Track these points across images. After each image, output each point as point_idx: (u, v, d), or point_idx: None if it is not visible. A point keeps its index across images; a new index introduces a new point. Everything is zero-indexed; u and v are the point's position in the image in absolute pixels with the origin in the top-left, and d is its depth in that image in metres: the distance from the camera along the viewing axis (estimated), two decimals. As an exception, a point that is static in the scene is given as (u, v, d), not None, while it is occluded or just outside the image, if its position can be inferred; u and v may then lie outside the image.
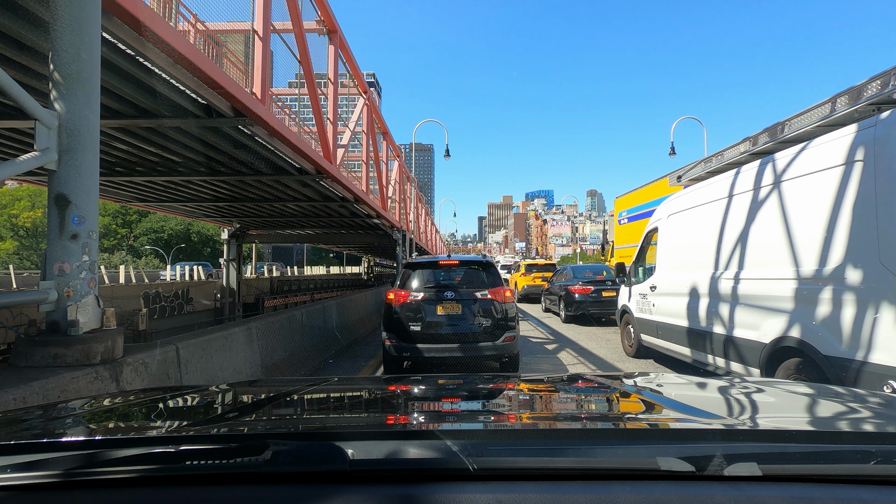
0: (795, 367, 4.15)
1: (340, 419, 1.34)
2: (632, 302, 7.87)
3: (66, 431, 1.12)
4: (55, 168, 3.07)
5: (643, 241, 7.76)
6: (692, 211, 6.16)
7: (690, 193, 6.37)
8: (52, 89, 3.08)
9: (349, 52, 11.30)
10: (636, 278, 7.84)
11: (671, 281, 6.53)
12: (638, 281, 7.72)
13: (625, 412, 1.43)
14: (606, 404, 1.53)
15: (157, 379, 3.49)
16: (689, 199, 6.33)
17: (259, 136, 7.58)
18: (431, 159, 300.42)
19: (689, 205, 6.27)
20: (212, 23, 7.63)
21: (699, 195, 6.06)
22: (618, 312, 8.78)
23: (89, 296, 3.16)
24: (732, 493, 0.80)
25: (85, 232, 3.14)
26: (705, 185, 6.03)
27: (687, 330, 5.96)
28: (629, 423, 1.16)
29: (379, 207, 15.67)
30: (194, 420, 1.35)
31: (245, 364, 5.16)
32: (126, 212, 55.01)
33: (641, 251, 7.82)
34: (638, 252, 7.90)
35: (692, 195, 6.28)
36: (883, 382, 3.26)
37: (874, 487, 0.83)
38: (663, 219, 7.04)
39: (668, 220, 6.84)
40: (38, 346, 2.93)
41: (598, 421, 1.26)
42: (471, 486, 0.81)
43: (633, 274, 7.99)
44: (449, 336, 6.08)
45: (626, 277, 8.20)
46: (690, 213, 6.20)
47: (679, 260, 6.42)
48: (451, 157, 23.13)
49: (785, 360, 4.27)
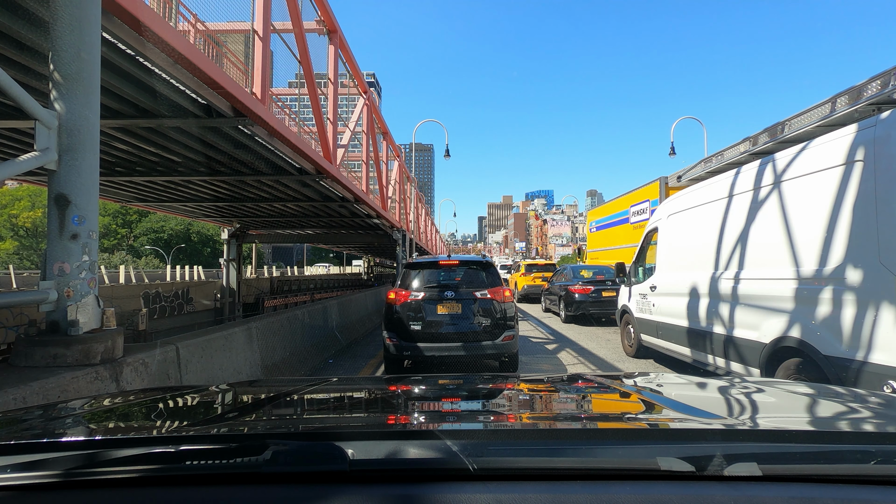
0: (795, 367, 4.15)
1: (340, 419, 1.34)
2: (632, 302, 7.86)
3: (66, 431, 1.12)
4: (55, 168, 3.07)
5: (643, 241, 7.73)
6: (692, 211, 6.17)
7: (690, 193, 6.39)
8: (52, 89, 3.08)
9: (349, 52, 11.30)
10: (636, 278, 7.82)
11: (671, 281, 6.53)
12: (638, 281, 7.71)
13: (625, 412, 1.43)
14: (606, 404, 1.53)
15: (157, 379, 3.49)
16: (689, 199, 6.33)
17: (259, 136, 7.57)
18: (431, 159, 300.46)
19: (689, 205, 6.28)
20: (212, 23, 7.63)
21: (699, 195, 6.08)
22: (618, 312, 8.78)
23: (89, 296, 3.16)
24: (732, 493, 0.79)
25: (85, 232, 3.13)
26: (705, 184, 6.03)
27: (687, 330, 5.96)
28: (629, 423, 1.16)
29: (379, 207, 15.67)
30: (194, 420, 1.35)
31: (245, 364, 5.17)
32: (126, 212, 55.01)
33: (641, 251, 7.79)
34: (638, 252, 7.89)
35: (692, 195, 6.29)
36: (883, 382, 3.26)
37: (874, 487, 0.83)
38: (663, 219, 7.02)
39: (668, 220, 6.83)
40: (38, 346, 2.93)
41: (597, 421, 1.26)
42: (471, 486, 0.81)
43: (633, 274, 7.98)
44: (449, 335, 6.14)
45: (626, 277, 8.18)
46: (690, 213, 6.22)
47: (679, 260, 6.43)
48: (451, 157, 23.15)
49: (785, 360, 4.28)
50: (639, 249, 7.89)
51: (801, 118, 4.83)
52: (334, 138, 10.84)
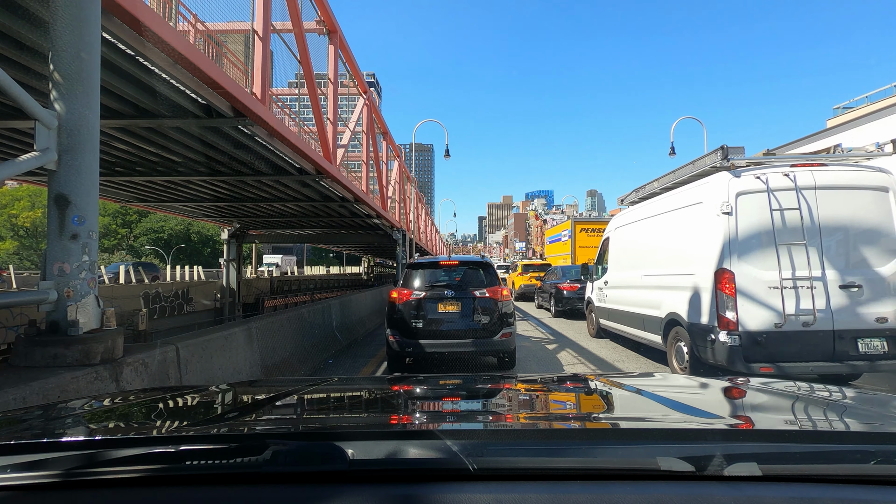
0: (676, 333, 6.27)
1: (340, 419, 1.34)
2: (593, 294, 10.04)
3: (66, 431, 1.12)
4: (55, 168, 3.06)
5: (601, 247, 9.87)
6: (626, 226, 8.55)
7: (626, 213, 8.82)
8: (52, 89, 3.08)
9: (349, 52, 11.29)
10: (596, 276, 9.89)
11: (617, 277, 8.71)
12: (597, 278, 9.78)
13: (625, 412, 1.43)
14: (606, 404, 1.53)
15: (157, 379, 3.49)
16: (626, 217, 8.70)
17: (259, 135, 7.57)
18: (431, 159, 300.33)
19: (625, 222, 8.67)
20: (212, 23, 7.62)
21: (631, 215, 8.44)
22: (584, 303, 11.06)
23: (89, 296, 3.16)
24: (732, 493, 0.79)
25: (85, 232, 3.13)
26: (635, 207, 8.41)
27: (625, 313, 8.09)
28: (629, 424, 1.16)
29: (379, 207, 15.66)
30: (194, 420, 1.35)
31: (245, 364, 5.16)
32: (126, 212, 54.97)
33: (601, 255, 9.85)
34: (598, 255, 10.07)
35: (628, 214, 8.65)
36: (707, 336, 5.44)
37: (874, 487, 0.83)
38: (612, 231, 9.36)
39: (616, 231, 9.12)
40: (37, 346, 2.93)
41: (597, 421, 1.26)
42: (471, 486, 0.81)
43: (594, 273, 10.10)
44: (449, 332, 6.39)
45: (590, 275, 10.34)
46: (626, 228, 8.57)
47: (621, 262, 8.65)
48: (451, 157, 23.08)
49: (672, 328, 6.36)
50: (598, 253, 10.02)
51: (679, 171, 7.08)
52: (334, 138, 10.83)
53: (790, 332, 5.10)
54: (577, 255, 21.22)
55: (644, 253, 7.59)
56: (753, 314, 5.20)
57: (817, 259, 5.26)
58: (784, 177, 5.40)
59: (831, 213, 5.34)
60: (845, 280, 5.22)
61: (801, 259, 5.24)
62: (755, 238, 5.33)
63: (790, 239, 5.26)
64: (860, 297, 5.21)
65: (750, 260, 5.30)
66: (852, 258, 5.32)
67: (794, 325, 5.11)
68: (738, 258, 5.31)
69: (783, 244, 5.25)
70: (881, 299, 5.21)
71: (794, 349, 5.14)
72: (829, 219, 5.33)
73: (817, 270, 5.23)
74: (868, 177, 5.46)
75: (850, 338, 5.11)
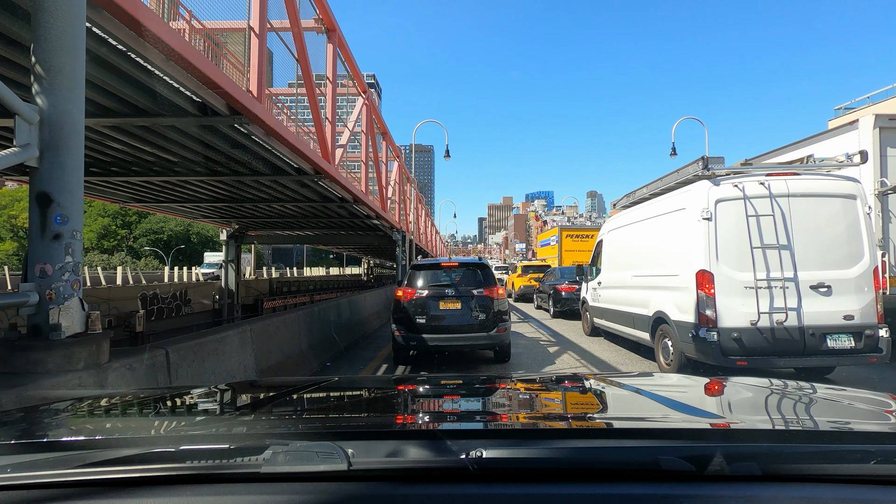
0: (662, 330, 6.66)
1: (340, 419, 1.36)
2: (588, 294, 10.51)
3: (66, 431, 1.12)
4: (37, 165, 2.93)
5: (595, 249, 10.34)
6: (619, 229, 8.96)
7: (618, 217, 9.25)
8: (34, 82, 2.95)
9: (348, 52, 11.18)
10: (591, 277, 10.32)
11: (609, 278, 9.14)
12: (592, 278, 10.21)
13: (625, 412, 1.44)
14: (606, 404, 1.53)
15: (144, 385, 3.35)
16: (618, 220, 9.11)
17: (256, 135, 7.45)
18: (431, 160, 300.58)
19: (617, 225, 9.08)
20: (208, 21, 7.50)
21: (622, 219, 8.84)
22: (580, 302, 11.45)
23: (73, 298, 3.02)
24: (733, 492, 0.80)
25: (68, 232, 3.00)
26: (626, 211, 8.81)
27: (616, 311, 8.52)
28: (629, 423, 1.17)
29: (378, 208, 15.55)
30: (194, 420, 1.34)
31: (239, 368, 5.03)
32: (126, 213, 54.86)
33: (595, 256, 10.28)
34: (592, 257, 10.49)
35: (619, 218, 9.08)
36: (689, 332, 5.82)
37: (874, 487, 0.83)
38: (605, 233, 9.81)
39: (608, 234, 9.58)
40: (17, 350, 2.80)
41: (598, 421, 1.27)
42: (471, 486, 0.82)
43: (588, 273, 10.51)
44: (450, 327, 6.98)
45: (585, 276, 10.78)
46: (618, 231, 9.01)
47: (613, 263, 9.08)
48: (451, 157, 22.92)
49: (659, 326, 6.74)
50: (593, 255, 10.45)
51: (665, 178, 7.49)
52: (333, 138, 10.71)
53: (764, 328, 5.47)
54: (563, 257, 23.37)
55: (634, 255, 8.04)
56: (731, 312, 5.57)
57: (790, 261, 5.63)
58: (760, 185, 5.76)
59: (803, 218, 5.71)
60: (816, 281, 5.60)
61: (775, 261, 5.62)
62: (733, 242, 5.70)
63: (765, 243, 5.65)
64: (829, 297, 5.59)
65: (728, 262, 5.68)
66: (822, 260, 5.66)
67: (768, 323, 5.48)
68: (718, 260, 5.68)
69: (758, 247, 5.64)
70: (849, 298, 5.58)
71: (768, 344, 5.47)
72: (801, 224, 5.70)
73: (790, 272, 5.60)
74: (838, 185, 5.84)
75: (819, 334, 5.46)
